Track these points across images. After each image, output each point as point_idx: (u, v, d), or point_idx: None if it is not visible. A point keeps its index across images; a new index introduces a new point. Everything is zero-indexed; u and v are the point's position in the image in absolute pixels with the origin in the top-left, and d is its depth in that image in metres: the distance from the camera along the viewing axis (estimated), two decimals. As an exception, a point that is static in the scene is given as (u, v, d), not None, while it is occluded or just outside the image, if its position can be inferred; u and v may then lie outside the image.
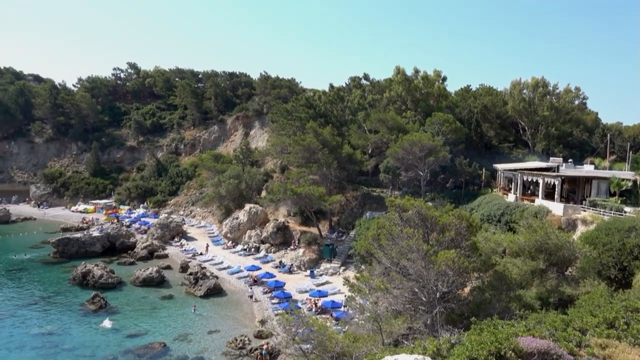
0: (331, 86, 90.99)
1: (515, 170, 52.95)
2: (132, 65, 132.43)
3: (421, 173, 60.01)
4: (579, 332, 13.13)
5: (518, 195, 50.50)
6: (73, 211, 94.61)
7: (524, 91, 72.09)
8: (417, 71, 78.62)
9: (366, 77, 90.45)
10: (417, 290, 25.51)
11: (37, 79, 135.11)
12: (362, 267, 37.07)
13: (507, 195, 53.67)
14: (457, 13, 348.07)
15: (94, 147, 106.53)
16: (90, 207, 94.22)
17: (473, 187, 63.60)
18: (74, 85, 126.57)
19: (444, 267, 23.90)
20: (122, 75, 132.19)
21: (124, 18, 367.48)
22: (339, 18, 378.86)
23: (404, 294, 25.90)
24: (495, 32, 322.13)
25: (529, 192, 51.62)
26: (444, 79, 78.95)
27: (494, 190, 60.30)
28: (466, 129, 68.78)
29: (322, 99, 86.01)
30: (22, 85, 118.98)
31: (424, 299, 25.39)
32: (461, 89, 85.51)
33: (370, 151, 73.33)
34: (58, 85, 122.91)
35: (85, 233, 69.66)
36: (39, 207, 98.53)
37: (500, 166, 59.18)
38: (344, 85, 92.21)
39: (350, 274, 46.61)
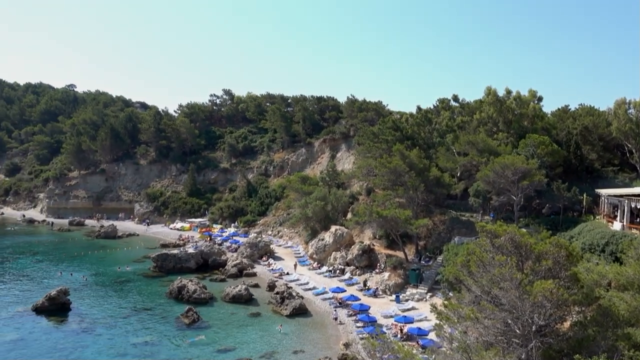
0: (418, 108, 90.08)
1: (622, 196, 48.93)
2: (227, 92, 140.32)
3: (514, 198, 57.21)
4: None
5: (625, 223, 46.44)
6: (171, 229, 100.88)
7: (631, 111, 66.65)
8: (509, 92, 75.61)
9: (455, 98, 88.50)
10: (510, 321, 24.23)
11: (144, 106, 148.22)
12: (450, 294, 35.92)
13: (611, 223, 49.53)
14: (550, 33, 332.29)
15: (191, 168, 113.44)
16: (187, 225, 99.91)
17: (572, 214, 59.39)
18: (175, 111, 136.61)
19: (540, 298, 22.58)
20: (217, 101, 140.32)
21: (219, 47, 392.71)
22: (427, 40, 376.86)
23: (495, 324, 24.69)
24: (595, 51, 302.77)
25: (638, 220, 47.27)
26: (540, 99, 75.22)
27: (597, 217, 55.93)
28: (564, 151, 64.82)
29: (409, 121, 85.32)
30: (130, 112, 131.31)
31: (518, 331, 24.04)
32: (558, 109, 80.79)
33: (459, 174, 71.22)
34: (161, 112, 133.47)
35: (181, 250, 73.92)
36: (148, 225, 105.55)
37: (603, 191, 54.88)
38: (432, 107, 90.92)
39: (438, 300, 45.30)
